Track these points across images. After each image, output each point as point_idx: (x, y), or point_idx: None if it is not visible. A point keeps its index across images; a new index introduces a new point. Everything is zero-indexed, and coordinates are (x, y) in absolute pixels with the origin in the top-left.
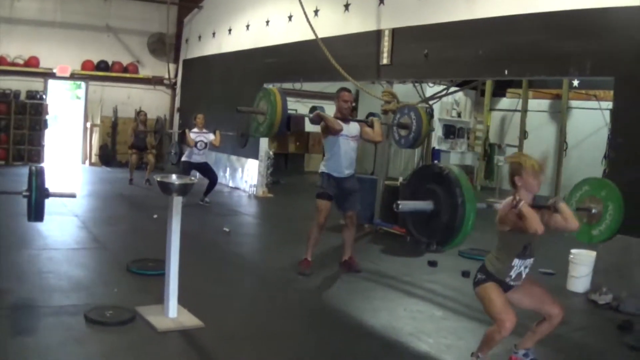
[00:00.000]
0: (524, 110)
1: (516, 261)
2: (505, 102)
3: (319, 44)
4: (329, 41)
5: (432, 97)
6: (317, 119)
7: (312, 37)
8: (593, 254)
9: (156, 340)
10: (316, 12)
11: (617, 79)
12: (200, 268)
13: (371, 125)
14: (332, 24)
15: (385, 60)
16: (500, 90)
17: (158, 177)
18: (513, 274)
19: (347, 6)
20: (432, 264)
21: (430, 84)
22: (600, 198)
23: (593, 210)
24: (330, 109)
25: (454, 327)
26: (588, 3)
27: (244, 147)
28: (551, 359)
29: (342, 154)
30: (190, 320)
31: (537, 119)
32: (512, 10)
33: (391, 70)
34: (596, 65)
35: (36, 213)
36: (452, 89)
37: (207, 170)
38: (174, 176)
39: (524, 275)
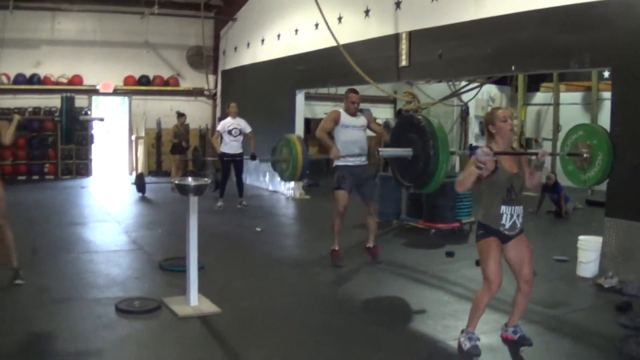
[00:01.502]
0: (556, 104)
1: (503, 208)
2: (539, 97)
3: (341, 50)
4: (352, 46)
5: (455, 94)
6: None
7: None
8: (599, 239)
9: (176, 325)
10: (340, 19)
11: (614, 69)
12: (229, 263)
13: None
14: (354, 30)
15: (404, 62)
16: (534, 85)
17: (176, 181)
18: (506, 222)
19: (367, 12)
20: (450, 254)
21: (456, 82)
22: (591, 145)
23: (585, 155)
24: (372, 110)
25: (456, 310)
26: None
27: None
28: (541, 336)
29: (351, 141)
30: (209, 308)
31: (571, 112)
32: (516, 7)
33: (410, 71)
34: (594, 57)
35: (67, 135)
36: (472, 85)
37: (239, 164)
38: (189, 178)
39: (518, 225)
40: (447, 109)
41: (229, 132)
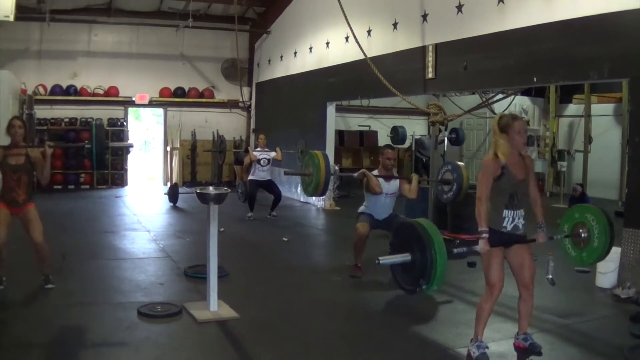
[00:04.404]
0: (587, 115)
1: (505, 212)
2: (572, 108)
3: (369, 63)
4: (381, 59)
5: (482, 105)
6: (362, 176)
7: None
8: (618, 250)
9: (194, 328)
10: (369, 32)
11: (633, 80)
12: (252, 271)
13: (410, 181)
14: (383, 43)
15: (430, 74)
16: (567, 97)
17: (197, 189)
18: (507, 225)
19: (395, 25)
20: (471, 264)
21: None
22: (588, 225)
23: (583, 235)
24: (406, 123)
25: (469, 319)
26: (602, 8)
27: (302, 153)
28: (551, 344)
29: (380, 207)
30: (227, 313)
31: (603, 124)
32: (537, 19)
33: (436, 83)
34: (613, 68)
35: (98, 162)
36: (501, 96)
37: (271, 187)
38: (210, 187)
39: (521, 227)
40: (479, 121)
41: (258, 161)
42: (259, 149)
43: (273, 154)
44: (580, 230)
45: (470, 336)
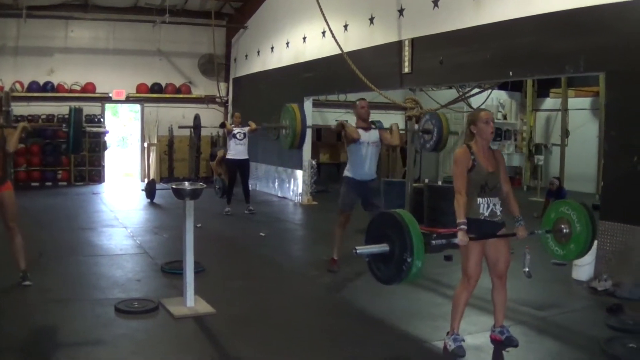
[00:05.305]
0: (564, 109)
1: (479, 199)
2: (549, 102)
3: (345, 58)
4: (358, 53)
5: (458, 99)
6: (340, 127)
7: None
8: (594, 242)
9: (171, 324)
10: (345, 26)
11: (608, 73)
12: (229, 266)
13: (391, 131)
14: (360, 37)
15: (406, 69)
16: (544, 91)
17: (173, 185)
18: (484, 211)
19: (372, 19)
20: (448, 258)
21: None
22: (567, 218)
23: (565, 230)
24: (383, 117)
25: (446, 313)
26: (578, 2)
27: (278, 138)
28: (528, 336)
29: (363, 158)
30: (204, 308)
31: (580, 118)
32: (513, 13)
33: (412, 78)
34: (589, 62)
35: (74, 146)
36: (476, 90)
37: (244, 170)
38: (186, 183)
39: (498, 213)
40: (456, 115)
41: (235, 135)
42: (234, 125)
43: (247, 127)
44: (562, 226)
45: (447, 329)
